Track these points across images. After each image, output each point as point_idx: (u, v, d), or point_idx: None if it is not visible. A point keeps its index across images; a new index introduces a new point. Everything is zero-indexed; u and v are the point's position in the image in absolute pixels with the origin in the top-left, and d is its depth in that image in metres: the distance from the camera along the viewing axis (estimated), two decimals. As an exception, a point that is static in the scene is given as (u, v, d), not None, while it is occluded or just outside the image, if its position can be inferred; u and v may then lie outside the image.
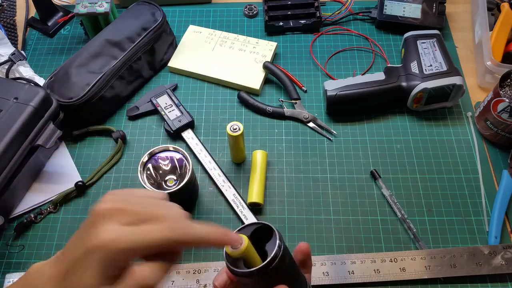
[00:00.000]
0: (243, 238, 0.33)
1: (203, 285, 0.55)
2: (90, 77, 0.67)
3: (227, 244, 0.33)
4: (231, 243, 0.33)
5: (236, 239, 0.33)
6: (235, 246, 0.33)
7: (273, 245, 0.34)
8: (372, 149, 0.68)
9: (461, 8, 0.84)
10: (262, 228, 0.36)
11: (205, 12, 0.85)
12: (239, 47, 0.77)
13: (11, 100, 0.60)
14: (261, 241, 0.36)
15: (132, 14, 0.73)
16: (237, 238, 0.33)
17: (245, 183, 0.65)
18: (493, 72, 0.70)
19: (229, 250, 0.33)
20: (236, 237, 0.33)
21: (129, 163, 0.68)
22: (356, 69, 0.77)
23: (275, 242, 0.34)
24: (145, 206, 0.32)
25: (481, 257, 0.56)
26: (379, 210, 0.62)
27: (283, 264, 0.34)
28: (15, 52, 0.71)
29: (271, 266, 0.33)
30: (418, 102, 0.69)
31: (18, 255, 0.60)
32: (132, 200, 0.33)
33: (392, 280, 0.55)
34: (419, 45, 0.70)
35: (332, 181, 0.65)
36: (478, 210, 0.62)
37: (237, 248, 0.33)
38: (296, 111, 0.71)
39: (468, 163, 0.66)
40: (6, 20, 0.85)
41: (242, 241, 0.33)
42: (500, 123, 0.64)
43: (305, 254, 0.40)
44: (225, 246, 0.34)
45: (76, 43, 0.82)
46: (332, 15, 0.81)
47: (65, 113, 0.66)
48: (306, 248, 0.40)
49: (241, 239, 0.33)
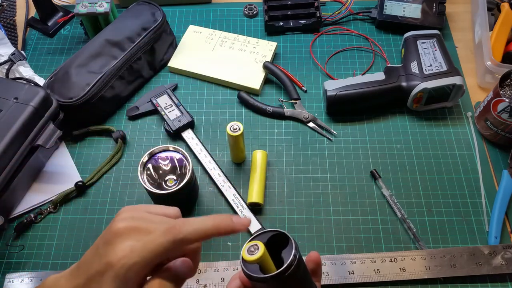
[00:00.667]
0: (259, 244, 0.34)
1: (203, 285, 0.55)
2: (90, 77, 0.67)
3: (233, 229, 0.34)
4: (237, 227, 0.34)
5: (242, 222, 0.34)
6: (240, 230, 0.34)
7: (289, 253, 0.35)
8: (372, 149, 0.68)
9: (461, 8, 0.84)
10: (278, 236, 0.37)
11: (205, 12, 0.85)
12: (239, 47, 0.77)
13: (11, 100, 0.60)
14: (276, 248, 0.37)
15: (132, 14, 0.73)
16: (243, 221, 0.34)
17: (245, 183, 0.65)
18: (493, 72, 0.70)
19: (246, 255, 0.34)
20: (241, 220, 0.34)
21: (129, 163, 0.68)
22: (356, 69, 0.77)
23: (291, 251, 0.35)
24: (161, 223, 0.33)
25: (481, 257, 0.56)
26: (379, 210, 0.62)
27: (297, 272, 0.35)
28: (15, 52, 0.71)
29: (287, 273, 0.34)
30: (418, 102, 0.69)
31: (18, 255, 0.60)
32: (149, 219, 0.34)
33: (392, 280, 0.55)
34: (419, 45, 0.70)
35: (332, 181, 0.65)
36: (478, 210, 0.62)
37: (253, 253, 0.33)
38: (296, 111, 0.71)
39: (468, 163, 0.66)
40: (6, 20, 0.85)
41: (249, 223, 0.34)
42: (500, 123, 0.64)
43: (316, 263, 0.41)
44: (242, 252, 0.34)
45: (76, 43, 0.82)
46: (332, 15, 0.81)
47: (65, 113, 0.66)
48: (317, 258, 0.41)
49: (248, 221, 0.35)
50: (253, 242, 0.35)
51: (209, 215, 0.34)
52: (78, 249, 0.60)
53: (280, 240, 0.37)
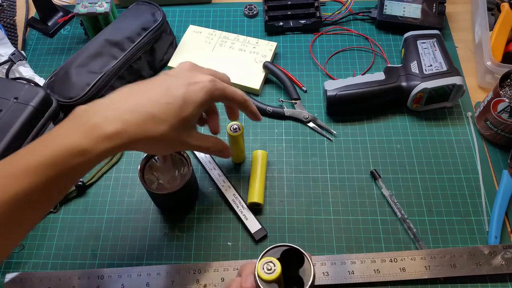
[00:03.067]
0: (275, 262, 0.34)
1: (203, 285, 0.55)
2: (90, 77, 0.67)
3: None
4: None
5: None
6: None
7: (308, 273, 0.35)
8: (372, 149, 0.68)
9: (461, 8, 0.84)
10: (289, 251, 0.36)
11: (205, 12, 0.85)
12: (239, 47, 0.77)
13: (11, 100, 0.60)
14: (287, 263, 0.36)
15: (132, 14, 0.73)
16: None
17: (245, 183, 0.65)
18: (493, 72, 0.70)
19: (263, 274, 0.34)
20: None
21: (129, 163, 0.68)
22: (356, 69, 0.77)
23: (310, 270, 0.35)
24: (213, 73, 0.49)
25: (481, 257, 0.56)
26: (379, 210, 0.62)
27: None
28: (15, 52, 0.71)
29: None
30: (418, 102, 0.69)
31: (18, 255, 0.60)
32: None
33: (392, 280, 0.55)
34: (419, 45, 0.71)
35: (332, 181, 0.65)
36: (478, 210, 0.62)
37: (270, 272, 0.33)
38: (296, 111, 0.71)
39: (468, 163, 0.66)
40: (6, 20, 0.85)
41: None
42: (500, 123, 0.64)
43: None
44: (257, 269, 0.34)
45: (76, 43, 0.82)
46: (332, 15, 0.82)
47: (65, 113, 0.66)
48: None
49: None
50: (268, 259, 0.34)
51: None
52: (78, 249, 0.60)
53: (290, 254, 0.36)
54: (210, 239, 0.60)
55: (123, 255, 0.59)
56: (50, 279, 0.56)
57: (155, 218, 0.62)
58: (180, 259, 0.59)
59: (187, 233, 0.61)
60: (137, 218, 0.62)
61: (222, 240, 0.60)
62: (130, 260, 0.59)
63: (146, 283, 0.55)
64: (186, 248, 0.60)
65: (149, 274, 0.55)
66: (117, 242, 0.60)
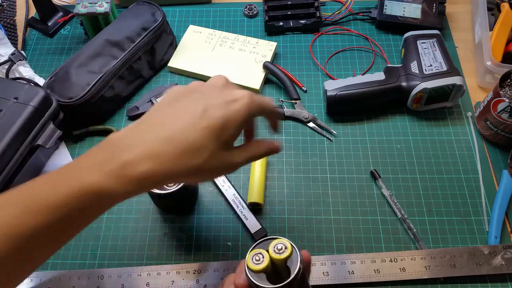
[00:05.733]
0: (264, 253, 0.35)
1: (203, 285, 0.55)
2: (90, 77, 0.67)
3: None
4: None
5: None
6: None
7: (295, 262, 0.36)
8: (372, 149, 0.68)
9: (461, 8, 0.84)
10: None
11: (205, 12, 0.85)
12: (239, 47, 0.77)
13: (11, 100, 0.60)
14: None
15: (132, 14, 0.73)
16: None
17: (245, 183, 0.65)
18: (493, 72, 0.70)
19: (252, 264, 0.35)
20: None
21: (129, 163, 0.67)
22: (356, 69, 0.77)
23: (297, 260, 0.36)
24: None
25: (481, 257, 0.56)
26: (379, 210, 0.62)
27: (304, 280, 0.37)
28: (15, 52, 0.71)
29: (296, 281, 0.35)
30: (418, 102, 0.69)
31: (18, 255, 0.60)
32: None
33: (392, 280, 0.55)
34: (419, 45, 0.71)
35: (332, 181, 0.65)
36: (478, 210, 0.62)
37: (259, 262, 0.35)
38: (296, 111, 0.71)
39: (468, 163, 0.66)
40: (6, 20, 0.85)
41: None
42: (500, 123, 0.64)
43: (308, 261, 0.42)
44: (246, 260, 0.35)
45: (76, 43, 0.82)
46: (332, 15, 0.82)
47: (65, 113, 0.66)
48: (308, 257, 0.41)
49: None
50: (257, 251, 0.35)
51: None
52: (78, 249, 0.60)
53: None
54: (210, 239, 0.60)
55: (123, 255, 0.59)
56: (50, 279, 0.56)
57: (155, 218, 0.62)
58: (180, 259, 0.59)
59: (187, 233, 0.61)
60: (137, 218, 0.62)
61: (222, 240, 0.60)
62: (130, 260, 0.59)
63: (146, 283, 0.55)
64: (186, 248, 0.60)
65: (149, 274, 0.55)
66: (117, 242, 0.60)
